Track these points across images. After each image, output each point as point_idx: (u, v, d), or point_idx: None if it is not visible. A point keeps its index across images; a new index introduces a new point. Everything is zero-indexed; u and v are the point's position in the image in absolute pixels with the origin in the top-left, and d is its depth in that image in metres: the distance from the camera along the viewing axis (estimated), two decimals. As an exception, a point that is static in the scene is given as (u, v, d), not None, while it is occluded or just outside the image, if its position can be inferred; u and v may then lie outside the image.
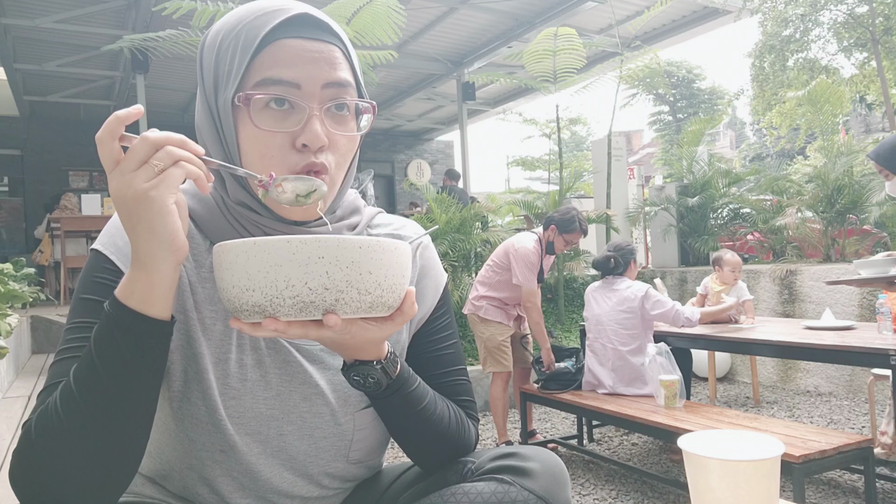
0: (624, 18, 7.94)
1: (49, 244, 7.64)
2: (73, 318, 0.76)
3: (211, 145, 0.81)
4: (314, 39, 0.77)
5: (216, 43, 0.79)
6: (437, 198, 5.84)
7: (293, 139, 0.76)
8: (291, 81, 0.75)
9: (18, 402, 3.49)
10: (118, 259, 0.78)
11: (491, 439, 4.07)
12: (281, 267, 0.62)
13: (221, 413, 0.82)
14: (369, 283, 0.65)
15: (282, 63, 0.75)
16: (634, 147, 31.02)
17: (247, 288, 0.63)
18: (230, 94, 0.76)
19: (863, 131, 20.38)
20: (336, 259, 0.62)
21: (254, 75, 0.76)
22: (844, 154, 6.16)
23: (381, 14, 4.86)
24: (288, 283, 0.62)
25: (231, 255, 0.64)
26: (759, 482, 0.68)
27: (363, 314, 0.66)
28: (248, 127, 0.77)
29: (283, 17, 0.76)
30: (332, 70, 0.77)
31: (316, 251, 0.62)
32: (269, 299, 0.62)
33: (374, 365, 0.77)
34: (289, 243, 0.62)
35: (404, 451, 0.93)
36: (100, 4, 7.10)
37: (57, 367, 0.74)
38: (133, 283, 0.66)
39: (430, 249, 0.98)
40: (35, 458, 0.67)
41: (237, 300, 0.64)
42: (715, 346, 3.66)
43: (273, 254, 0.62)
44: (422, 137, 14.96)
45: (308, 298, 0.62)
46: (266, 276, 0.62)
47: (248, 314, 0.64)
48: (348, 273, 0.63)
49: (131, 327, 0.66)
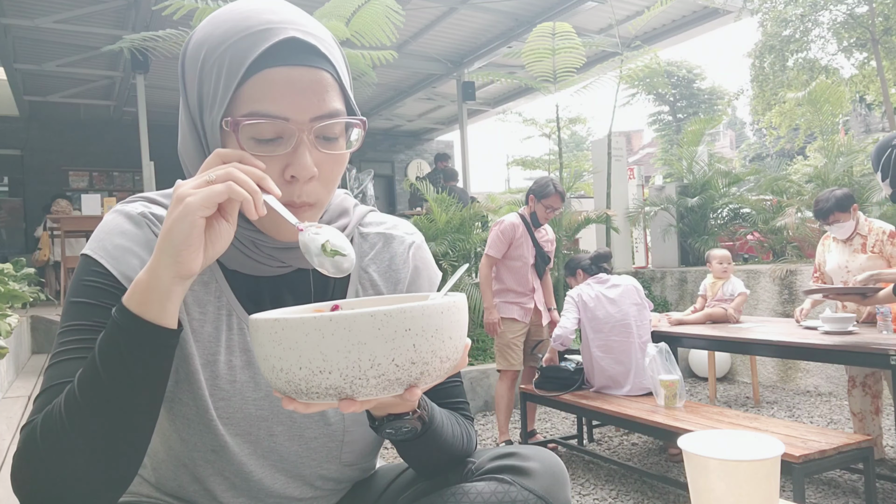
0: (624, 18, 7.93)
1: (48, 244, 7.64)
2: (66, 322, 0.76)
3: (194, 161, 0.80)
4: (303, 66, 0.73)
5: (199, 57, 0.76)
6: (437, 198, 5.84)
7: (282, 167, 0.74)
8: (279, 115, 0.73)
9: (18, 402, 3.49)
10: (107, 262, 0.78)
11: (491, 439, 4.07)
12: (365, 345, 0.55)
13: (212, 413, 0.82)
14: (450, 349, 0.61)
15: (269, 96, 0.72)
16: (634, 147, 31.02)
17: (321, 370, 0.56)
18: (217, 118, 0.74)
19: (863, 131, 20.38)
20: (422, 329, 0.57)
21: (241, 105, 0.73)
22: (844, 154, 6.16)
23: (379, 14, 4.86)
24: (373, 361, 0.56)
25: (298, 334, 0.56)
26: (759, 482, 0.68)
27: (440, 380, 0.62)
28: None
29: (268, 42, 0.72)
30: (321, 102, 0.74)
31: (402, 323, 0.56)
32: (349, 381, 0.56)
33: (411, 416, 0.76)
34: (373, 318, 0.55)
35: (409, 465, 0.93)
36: (100, 4, 7.09)
37: (52, 371, 0.74)
38: (136, 285, 0.67)
39: (423, 249, 0.98)
40: (38, 462, 0.67)
41: (305, 382, 0.57)
42: (715, 346, 3.66)
43: (356, 331, 0.55)
44: (422, 137, 14.96)
45: (394, 376, 0.57)
46: (348, 357, 0.56)
47: (318, 396, 0.58)
48: (433, 342, 0.58)
49: (133, 331, 0.66)
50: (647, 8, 6.48)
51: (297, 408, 0.61)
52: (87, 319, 0.75)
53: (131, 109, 9.58)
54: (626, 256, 7.58)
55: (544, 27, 5.68)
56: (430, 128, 14.50)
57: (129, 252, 0.79)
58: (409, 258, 0.95)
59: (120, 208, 0.84)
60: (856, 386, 3.25)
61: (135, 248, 0.79)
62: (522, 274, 3.72)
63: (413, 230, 0.99)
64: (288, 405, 0.61)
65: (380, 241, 0.94)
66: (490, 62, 9.75)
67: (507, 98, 12.12)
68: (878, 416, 3.23)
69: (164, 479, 0.88)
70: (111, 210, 0.85)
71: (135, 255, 0.79)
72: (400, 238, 0.95)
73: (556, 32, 5.65)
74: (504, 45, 8.81)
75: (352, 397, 0.58)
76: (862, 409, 3.24)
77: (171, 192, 0.86)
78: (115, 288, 0.77)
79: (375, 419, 0.77)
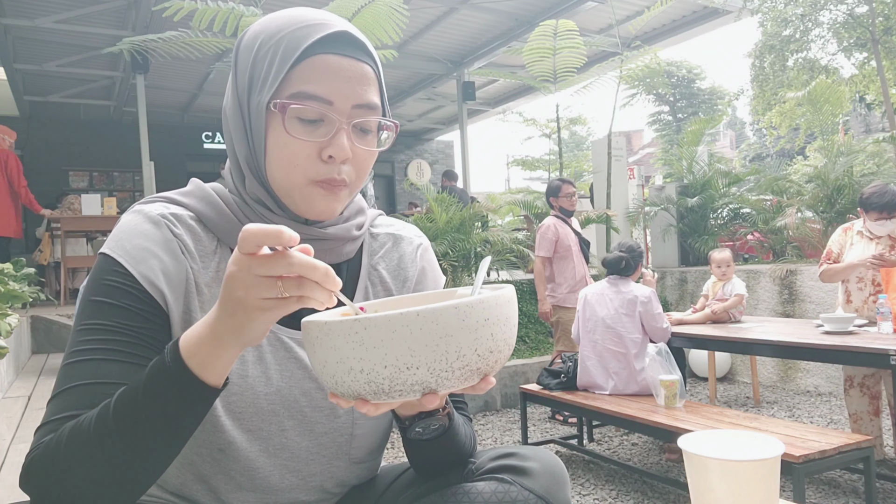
0: (624, 18, 7.94)
1: (49, 244, 7.64)
2: (84, 321, 0.76)
3: (237, 140, 0.84)
4: (350, 58, 0.80)
5: (254, 46, 0.82)
6: (437, 197, 5.84)
7: (320, 150, 0.79)
8: (325, 98, 0.78)
9: (19, 402, 3.49)
10: (127, 263, 0.79)
11: (491, 439, 4.07)
12: (452, 337, 0.56)
13: (222, 410, 0.82)
14: (513, 337, 0.63)
15: (318, 79, 0.78)
16: (634, 147, 31.01)
17: (409, 366, 0.56)
18: (265, 99, 0.79)
19: (863, 131, 20.38)
20: (497, 318, 0.59)
21: (290, 85, 0.78)
22: (844, 154, 6.16)
23: (383, 13, 4.85)
24: (459, 353, 0.57)
25: (384, 332, 0.56)
26: (759, 482, 0.68)
27: (499, 367, 0.63)
28: (277, 133, 0.79)
29: (324, 32, 0.79)
30: (364, 92, 0.80)
31: (482, 313, 0.58)
32: (435, 374, 0.57)
33: (440, 413, 0.78)
34: (458, 310, 0.56)
35: (412, 465, 0.93)
36: (100, 4, 7.10)
37: (70, 370, 0.74)
38: (199, 348, 0.65)
39: (429, 251, 1.02)
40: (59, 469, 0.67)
41: (389, 381, 0.57)
42: (715, 346, 3.66)
43: (443, 324, 0.56)
44: (422, 137, 14.96)
45: (476, 365, 0.58)
46: (435, 350, 0.56)
47: (401, 394, 0.58)
48: (505, 330, 0.60)
49: (193, 393, 0.65)
50: (647, 8, 6.48)
51: (369, 410, 0.61)
52: (106, 319, 0.75)
53: (131, 109, 9.59)
54: (626, 256, 7.57)
55: (547, 26, 5.68)
56: (430, 128, 14.51)
57: (149, 253, 0.79)
58: (418, 258, 0.98)
59: (139, 209, 0.84)
60: (853, 386, 3.24)
61: (154, 249, 0.80)
62: (575, 264, 4.36)
63: (420, 234, 1.03)
64: (361, 408, 0.61)
65: (389, 240, 0.98)
66: (490, 62, 9.75)
67: (507, 98, 12.13)
68: (877, 417, 3.22)
69: (168, 477, 0.88)
70: (130, 210, 0.86)
71: (154, 255, 0.80)
72: (409, 239, 1.00)
73: (559, 31, 5.66)
74: (504, 44, 8.82)
75: (435, 391, 0.59)
76: (859, 409, 3.23)
77: (189, 191, 0.88)
78: (135, 289, 0.77)
79: (403, 420, 0.78)
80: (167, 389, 0.65)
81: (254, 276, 0.59)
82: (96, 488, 0.67)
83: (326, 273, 0.59)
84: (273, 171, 0.81)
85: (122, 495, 0.69)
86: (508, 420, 4.52)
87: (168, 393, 0.65)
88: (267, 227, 0.58)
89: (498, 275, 6.50)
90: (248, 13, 4.81)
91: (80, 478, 0.67)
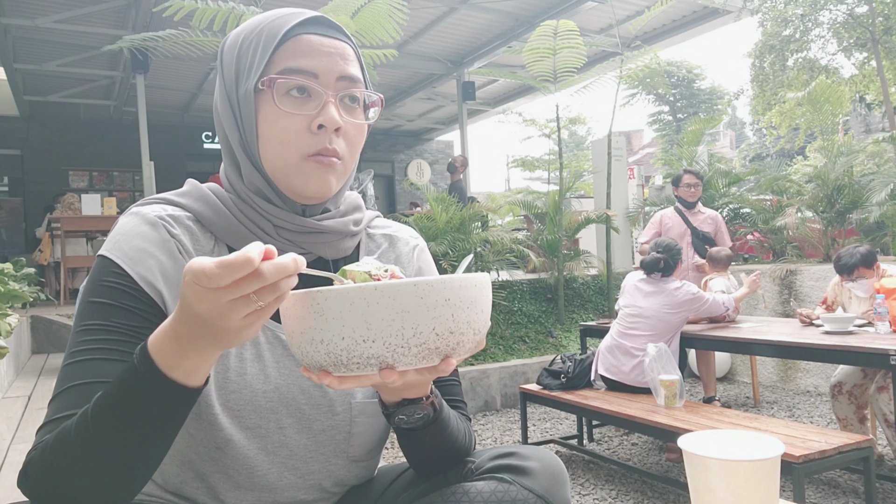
0: (624, 18, 7.94)
1: (49, 244, 7.64)
2: (82, 322, 0.77)
3: (230, 131, 0.86)
4: (329, 37, 0.84)
5: (237, 43, 0.86)
6: (437, 197, 5.83)
7: (310, 122, 0.81)
8: (310, 71, 0.82)
9: (19, 402, 3.49)
10: (125, 263, 0.79)
11: (491, 439, 4.08)
12: (409, 313, 0.57)
13: (220, 407, 0.82)
14: (481, 322, 0.63)
15: (301, 55, 0.82)
16: (634, 147, 31.01)
17: (365, 339, 0.57)
18: (252, 83, 0.82)
19: (863, 131, 20.38)
20: (460, 300, 0.59)
21: (275, 65, 0.82)
22: (844, 154, 6.16)
23: (383, 12, 4.84)
24: (416, 330, 0.58)
25: (343, 303, 0.57)
26: (759, 482, 0.68)
27: (469, 355, 0.63)
28: (268, 111, 0.82)
29: (302, 16, 0.84)
30: (346, 64, 0.84)
31: (442, 293, 0.58)
32: (391, 349, 0.58)
33: (424, 402, 0.78)
34: (416, 287, 0.57)
35: (409, 461, 0.93)
36: (100, 4, 7.10)
37: (68, 371, 0.74)
38: (181, 359, 0.62)
39: (426, 252, 1.03)
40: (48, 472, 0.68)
41: (347, 353, 0.58)
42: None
43: (400, 300, 0.57)
44: (422, 137, 14.97)
45: (434, 345, 0.59)
46: (391, 325, 0.57)
47: (358, 367, 0.59)
48: (468, 313, 0.60)
49: (171, 395, 0.64)
50: (647, 8, 6.47)
51: (332, 382, 0.62)
52: (104, 320, 0.76)
53: (131, 109, 9.58)
54: (626, 256, 7.58)
55: (547, 26, 5.67)
56: (430, 128, 14.51)
57: (147, 254, 0.80)
58: (414, 259, 1.00)
59: (136, 210, 0.85)
60: (842, 393, 3.24)
61: (152, 250, 0.81)
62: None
63: (417, 235, 1.04)
64: (323, 379, 0.62)
65: (385, 241, 1.00)
66: (490, 62, 9.75)
67: (507, 98, 12.13)
68: (862, 424, 3.23)
69: (167, 475, 0.88)
70: (127, 212, 0.86)
71: (152, 256, 0.81)
72: (405, 240, 1.01)
73: (559, 31, 5.65)
74: (504, 44, 8.82)
75: (392, 366, 0.59)
76: (847, 415, 3.24)
77: (186, 192, 0.89)
78: (133, 289, 0.78)
79: (388, 406, 0.78)
80: (149, 402, 0.64)
81: (226, 303, 0.55)
82: (86, 489, 0.67)
83: (296, 263, 0.57)
84: (266, 152, 0.83)
85: (112, 496, 0.68)
86: (508, 420, 4.52)
87: (151, 404, 0.64)
88: (231, 260, 0.53)
89: (498, 274, 6.50)
90: (249, 13, 4.82)
91: (69, 479, 0.67)
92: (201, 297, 0.56)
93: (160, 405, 0.65)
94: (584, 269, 6.51)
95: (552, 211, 6.36)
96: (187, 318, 0.59)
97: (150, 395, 0.64)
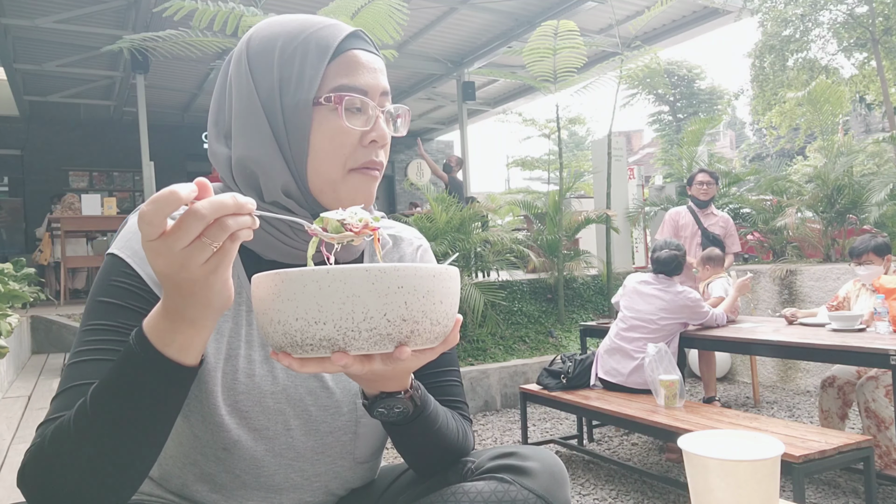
0: (624, 18, 7.94)
1: (49, 244, 7.64)
2: (90, 321, 0.77)
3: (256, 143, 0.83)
4: (371, 52, 0.87)
5: (274, 48, 0.83)
6: (437, 197, 5.83)
7: (361, 137, 0.84)
8: (363, 88, 0.84)
9: (19, 402, 3.49)
10: (135, 263, 0.80)
11: (491, 439, 4.07)
12: (359, 297, 0.58)
13: (227, 409, 0.82)
14: (440, 314, 0.63)
15: (354, 71, 0.84)
16: (634, 147, 31.01)
17: (316, 320, 0.59)
18: (309, 95, 0.81)
19: (863, 131, 20.38)
20: (414, 288, 0.60)
21: (329, 81, 0.82)
22: (844, 154, 6.16)
23: (383, 13, 4.84)
24: (366, 314, 0.59)
25: (297, 285, 0.59)
26: (759, 482, 0.68)
27: (429, 345, 0.64)
28: (326, 125, 0.82)
29: (348, 30, 0.86)
30: (384, 80, 0.88)
31: (395, 280, 0.59)
32: (342, 332, 0.59)
33: (402, 395, 0.77)
34: (367, 272, 0.59)
35: (405, 461, 0.93)
36: (100, 4, 7.09)
37: (72, 370, 0.74)
38: (174, 335, 0.64)
39: (429, 253, 1.03)
40: (46, 468, 0.68)
41: (300, 334, 0.60)
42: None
43: (351, 283, 0.58)
44: (422, 137, 14.95)
45: (385, 331, 0.60)
46: (342, 308, 0.58)
47: (312, 349, 0.60)
48: (424, 303, 0.61)
49: (167, 373, 0.65)
50: (647, 8, 6.48)
51: (293, 364, 0.62)
52: (111, 320, 0.76)
53: (131, 109, 9.58)
54: (626, 256, 7.58)
55: (547, 26, 5.67)
56: (430, 128, 14.51)
57: None
58: (418, 259, 1.00)
59: None
60: (832, 386, 3.26)
61: None
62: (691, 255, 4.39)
63: (420, 235, 1.05)
64: (283, 360, 0.62)
65: (389, 241, 1.00)
66: (490, 62, 9.75)
67: (507, 98, 12.13)
68: (842, 421, 3.25)
69: (169, 476, 0.88)
70: (137, 210, 0.85)
71: None
72: (409, 240, 1.02)
73: (559, 32, 5.65)
74: (504, 44, 8.82)
75: (344, 350, 0.60)
76: (831, 408, 3.27)
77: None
78: (142, 289, 0.78)
79: (368, 398, 0.78)
80: (146, 381, 0.65)
81: (179, 252, 0.57)
82: (83, 485, 0.67)
83: (235, 199, 0.58)
84: (318, 164, 0.83)
85: (110, 491, 0.68)
86: (508, 420, 4.52)
87: (147, 383, 0.65)
88: (156, 197, 0.55)
89: (498, 275, 6.50)
90: (248, 13, 4.82)
91: (66, 473, 0.67)
92: (156, 252, 0.57)
93: (155, 384, 0.65)
94: (584, 269, 6.51)
95: (552, 211, 6.36)
96: (165, 289, 0.61)
97: (146, 374, 0.65)
